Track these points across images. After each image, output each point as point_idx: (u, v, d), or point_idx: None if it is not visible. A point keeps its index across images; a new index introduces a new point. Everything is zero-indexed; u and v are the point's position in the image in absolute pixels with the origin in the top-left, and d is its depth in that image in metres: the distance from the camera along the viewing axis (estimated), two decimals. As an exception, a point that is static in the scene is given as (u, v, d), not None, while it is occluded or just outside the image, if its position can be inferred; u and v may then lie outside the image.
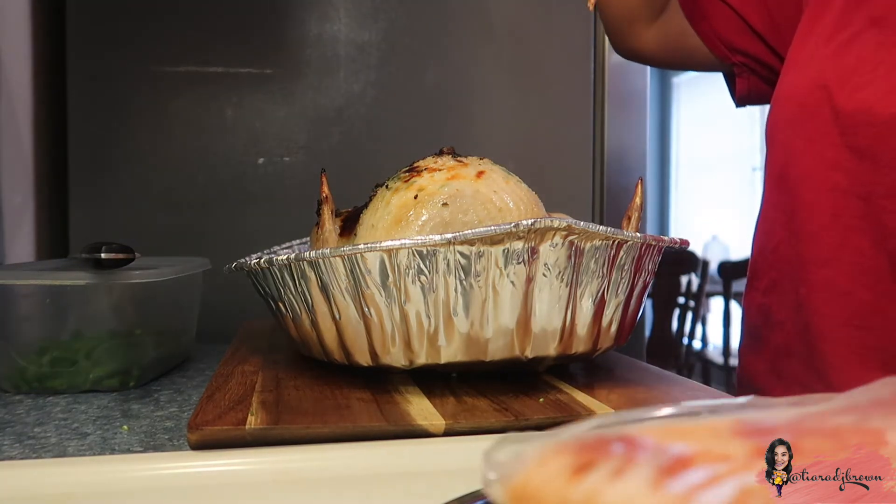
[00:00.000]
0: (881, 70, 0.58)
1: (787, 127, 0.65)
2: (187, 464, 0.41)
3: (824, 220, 0.61)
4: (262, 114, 1.06)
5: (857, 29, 0.62)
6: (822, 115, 0.61)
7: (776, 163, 0.67)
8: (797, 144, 0.64)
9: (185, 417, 0.55)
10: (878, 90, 0.58)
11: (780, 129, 0.67)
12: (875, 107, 0.57)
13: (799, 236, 0.64)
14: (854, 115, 0.58)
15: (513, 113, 1.12)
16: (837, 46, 0.62)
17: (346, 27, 1.08)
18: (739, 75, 0.79)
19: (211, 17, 1.05)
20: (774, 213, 0.68)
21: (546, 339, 0.52)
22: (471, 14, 1.11)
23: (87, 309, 0.64)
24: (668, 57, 0.85)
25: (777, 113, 0.67)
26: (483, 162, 0.58)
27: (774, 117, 0.68)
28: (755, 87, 0.79)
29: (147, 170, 1.04)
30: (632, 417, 0.30)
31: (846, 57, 0.60)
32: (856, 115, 0.58)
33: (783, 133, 0.66)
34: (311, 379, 0.56)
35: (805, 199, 0.63)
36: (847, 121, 0.59)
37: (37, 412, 0.56)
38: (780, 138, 0.67)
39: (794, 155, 0.64)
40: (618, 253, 0.54)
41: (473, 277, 0.49)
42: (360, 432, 0.44)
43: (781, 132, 0.66)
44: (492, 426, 0.45)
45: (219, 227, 1.05)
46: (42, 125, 1.02)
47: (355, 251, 0.49)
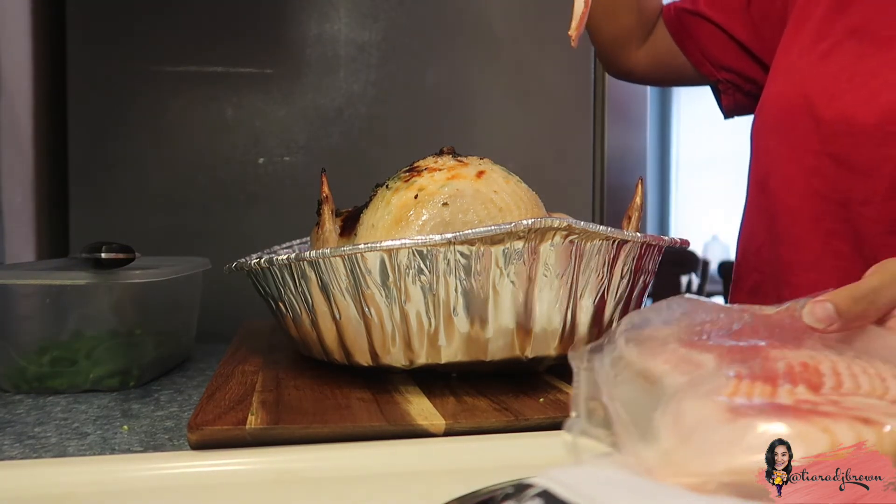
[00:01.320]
0: (858, 80, 0.60)
1: (770, 134, 0.68)
2: (187, 464, 0.41)
3: (806, 225, 0.63)
4: (263, 114, 1.06)
5: (837, 39, 0.64)
6: (803, 122, 0.63)
7: (759, 168, 0.70)
8: (779, 151, 0.66)
9: (186, 417, 0.54)
10: (856, 99, 0.60)
11: (763, 136, 0.70)
12: (853, 116, 0.59)
13: (781, 239, 0.66)
14: (833, 123, 0.61)
15: (513, 113, 1.12)
16: (818, 56, 0.64)
17: (346, 27, 1.08)
18: (724, 92, 0.82)
19: (211, 17, 1.05)
20: (757, 217, 0.71)
21: (546, 339, 0.52)
22: (471, 14, 1.11)
23: (87, 309, 0.64)
24: (658, 75, 0.87)
25: (761, 120, 0.69)
26: (483, 162, 0.58)
27: (758, 124, 0.70)
28: (740, 102, 0.82)
29: (147, 170, 1.04)
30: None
31: (826, 66, 0.63)
32: (835, 123, 0.60)
33: (766, 140, 0.69)
34: (311, 379, 0.56)
35: (787, 203, 0.65)
36: (827, 129, 0.61)
37: (37, 412, 0.56)
38: (763, 145, 0.70)
39: (776, 161, 0.67)
40: (618, 253, 0.54)
41: (474, 277, 0.49)
42: (360, 432, 0.44)
43: (764, 139, 0.69)
44: (492, 426, 0.45)
45: (219, 227, 1.05)
46: (42, 125, 1.02)
47: (355, 251, 0.49)
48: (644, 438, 0.31)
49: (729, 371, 0.34)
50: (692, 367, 0.35)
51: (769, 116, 0.69)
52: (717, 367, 0.35)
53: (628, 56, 0.85)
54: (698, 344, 0.38)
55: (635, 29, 0.83)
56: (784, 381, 0.33)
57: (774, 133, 0.68)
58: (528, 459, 0.38)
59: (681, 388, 0.33)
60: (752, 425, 0.30)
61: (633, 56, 0.85)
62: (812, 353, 0.37)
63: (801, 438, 0.29)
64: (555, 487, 0.29)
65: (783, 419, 0.30)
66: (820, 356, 0.36)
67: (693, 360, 0.36)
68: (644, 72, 0.87)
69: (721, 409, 0.31)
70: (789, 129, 0.65)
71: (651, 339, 0.39)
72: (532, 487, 0.30)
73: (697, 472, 0.29)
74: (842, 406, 0.32)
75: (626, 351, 0.38)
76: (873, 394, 0.34)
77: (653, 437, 0.31)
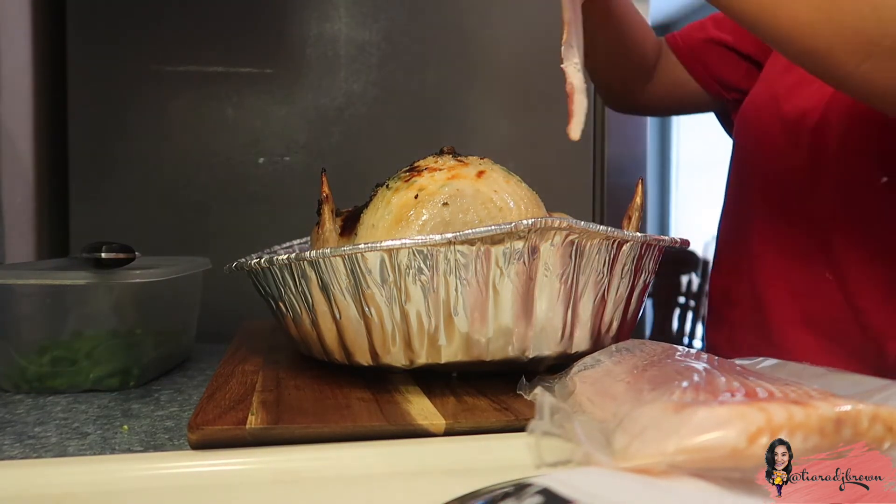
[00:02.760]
0: (816, 84, 0.66)
1: (746, 129, 0.77)
2: (188, 463, 0.41)
3: (774, 209, 0.72)
4: (263, 113, 1.06)
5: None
6: (771, 120, 0.72)
7: (738, 160, 0.79)
8: (752, 144, 0.75)
9: (186, 417, 0.55)
10: (812, 98, 0.68)
11: (740, 132, 0.78)
12: (810, 113, 0.68)
13: (753, 223, 0.74)
14: (794, 119, 0.69)
15: (513, 112, 1.12)
16: (785, 65, 0.73)
17: (346, 27, 1.08)
18: (734, 110, 0.86)
19: (211, 17, 1.05)
20: (733, 205, 0.79)
21: (546, 339, 0.52)
22: (471, 14, 1.11)
23: (87, 308, 0.64)
24: (665, 107, 0.92)
25: (741, 118, 0.78)
26: (483, 161, 0.58)
27: (738, 122, 0.79)
28: None
29: (147, 169, 1.04)
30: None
31: (792, 74, 0.72)
32: (796, 118, 0.69)
33: (743, 134, 0.78)
34: (311, 379, 0.56)
35: (757, 190, 0.74)
36: (789, 124, 0.70)
37: (37, 412, 0.56)
38: (740, 139, 0.78)
39: (750, 153, 0.76)
40: (618, 253, 0.54)
41: (474, 277, 0.49)
42: (360, 432, 0.44)
43: (741, 134, 0.78)
44: (492, 426, 0.45)
45: (219, 227, 1.05)
46: (42, 125, 1.02)
47: (356, 251, 0.49)
48: (602, 446, 0.34)
49: (677, 383, 0.38)
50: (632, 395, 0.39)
51: (747, 115, 0.77)
52: (663, 385, 0.39)
53: (635, 96, 0.88)
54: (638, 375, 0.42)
55: (639, 71, 0.86)
56: (724, 391, 0.37)
57: (749, 128, 0.76)
58: (528, 459, 0.38)
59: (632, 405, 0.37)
60: (696, 411, 0.33)
61: (640, 94, 0.88)
62: (746, 379, 0.40)
63: (740, 418, 0.32)
64: (555, 485, 0.29)
65: (724, 405, 0.34)
66: (754, 381, 0.39)
67: (612, 391, 0.41)
68: (652, 106, 0.90)
69: (668, 406, 0.34)
70: (760, 125, 0.73)
71: (600, 380, 0.44)
72: (532, 486, 0.30)
73: (651, 454, 0.32)
74: (776, 396, 0.35)
75: (578, 388, 0.44)
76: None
77: (610, 442, 0.34)
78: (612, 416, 0.36)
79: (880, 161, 0.63)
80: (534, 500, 0.29)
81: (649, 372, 0.42)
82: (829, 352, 0.67)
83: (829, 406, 0.33)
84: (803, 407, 0.33)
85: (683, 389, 0.37)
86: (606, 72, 0.86)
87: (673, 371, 0.41)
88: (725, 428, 0.32)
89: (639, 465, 0.32)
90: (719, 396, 0.35)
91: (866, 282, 0.64)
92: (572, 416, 0.36)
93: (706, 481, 0.31)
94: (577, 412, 0.41)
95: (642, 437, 0.33)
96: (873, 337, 0.64)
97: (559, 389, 0.46)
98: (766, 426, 0.32)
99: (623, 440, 0.33)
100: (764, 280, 0.72)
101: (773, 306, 0.71)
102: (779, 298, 0.70)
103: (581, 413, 0.41)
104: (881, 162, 0.63)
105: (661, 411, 0.34)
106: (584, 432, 0.35)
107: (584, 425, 0.36)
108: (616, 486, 0.30)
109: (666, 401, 0.35)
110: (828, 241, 0.66)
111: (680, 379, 0.39)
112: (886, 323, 0.63)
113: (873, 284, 0.63)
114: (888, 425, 0.33)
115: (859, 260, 0.64)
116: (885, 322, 0.63)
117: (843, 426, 0.33)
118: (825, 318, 0.67)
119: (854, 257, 0.64)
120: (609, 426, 0.35)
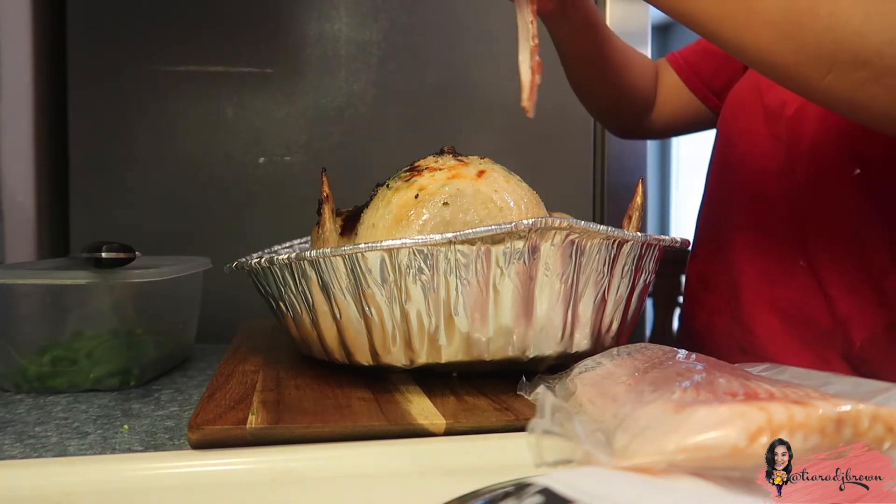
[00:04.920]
0: None
1: (730, 118, 0.78)
2: (188, 463, 0.41)
3: (752, 196, 0.73)
4: (263, 113, 1.06)
5: None
6: (754, 109, 0.74)
7: (720, 149, 0.80)
8: (735, 133, 0.77)
9: (186, 417, 0.55)
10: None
11: (724, 121, 0.80)
12: (789, 102, 0.69)
13: (731, 209, 0.76)
14: (775, 108, 0.71)
15: (513, 112, 1.12)
16: None
17: (346, 26, 1.08)
18: None
19: (211, 17, 1.05)
20: (713, 192, 0.81)
21: (546, 339, 0.52)
22: (471, 14, 1.11)
23: (87, 308, 0.64)
24: (670, 131, 0.93)
25: (727, 107, 0.80)
26: (484, 161, 0.58)
27: (724, 111, 0.80)
28: None
29: (147, 170, 1.04)
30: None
31: None
32: (777, 108, 0.71)
33: (726, 124, 0.79)
34: (311, 378, 0.56)
35: (738, 177, 0.75)
36: (771, 113, 0.72)
37: (37, 411, 0.56)
38: (724, 128, 0.80)
39: (732, 141, 0.77)
40: (618, 252, 0.54)
41: (474, 277, 0.49)
42: (360, 432, 0.44)
43: (724, 123, 0.80)
44: (492, 426, 0.45)
45: (219, 227, 1.05)
46: (42, 125, 1.02)
47: (356, 250, 0.49)
48: (602, 445, 0.34)
49: (677, 383, 0.38)
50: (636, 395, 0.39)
51: (731, 105, 0.78)
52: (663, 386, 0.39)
53: (641, 125, 0.90)
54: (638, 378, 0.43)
55: (643, 106, 0.88)
56: (724, 392, 0.37)
57: (733, 117, 0.77)
58: (527, 459, 0.38)
59: (633, 406, 0.37)
60: (697, 410, 0.33)
61: (646, 123, 0.90)
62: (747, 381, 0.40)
63: (740, 417, 0.32)
64: (555, 485, 0.29)
65: (725, 404, 0.34)
66: (755, 383, 0.39)
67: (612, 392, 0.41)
68: (657, 131, 0.92)
69: (669, 405, 0.35)
70: (744, 114, 0.75)
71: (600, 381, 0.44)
72: (532, 486, 0.30)
73: (651, 453, 0.32)
74: (777, 396, 0.35)
75: (579, 390, 0.44)
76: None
77: (610, 441, 0.34)
78: (613, 417, 0.36)
79: (853, 153, 0.65)
80: (534, 500, 0.29)
81: (650, 374, 0.42)
82: (795, 336, 0.68)
83: (830, 406, 0.33)
84: (804, 407, 0.33)
85: (684, 389, 0.37)
86: (610, 114, 0.90)
87: (674, 373, 0.41)
88: (726, 427, 0.32)
89: (639, 464, 0.32)
90: (720, 396, 0.35)
91: (836, 270, 0.65)
92: (573, 415, 0.37)
93: (706, 480, 0.31)
94: (578, 413, 0.41)
95: (642, 435, 0.33)
96: (841, 323, 0.65)
97: (560, 390, 0.46)
98: (766, 425, 0.32)
99: (623, 439, 0.34)
100: (739, 266, 0.73)
101: (746, 291, 0.72)
102: (752, 284, 0.72)
103: (582, 413, 0.41)
104: (854, 154, 0.65)
105: (661, 410, 0.34)
106: (585, 431, 0.35)
107: (585, 424, 0.36)
108: (616, 485, 0.30)
109: (666, 400, 0.35)
110: (802, 230, 0.68)
111: (681, 380, 0.39)
112: (854, 311, 0.65)
113: (843, 272, 0.65)
114: (888, 425, 0.33)
115: (831, 249, 0.66)
116: (852, 310, 0.65)
117: (844, 426, 0.33)
118: (796, 303, 0.68)
119: (827, 246, 0.66)
120: (609, 426, 0.36)
